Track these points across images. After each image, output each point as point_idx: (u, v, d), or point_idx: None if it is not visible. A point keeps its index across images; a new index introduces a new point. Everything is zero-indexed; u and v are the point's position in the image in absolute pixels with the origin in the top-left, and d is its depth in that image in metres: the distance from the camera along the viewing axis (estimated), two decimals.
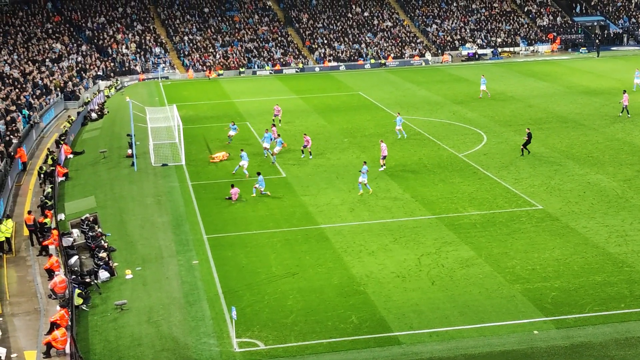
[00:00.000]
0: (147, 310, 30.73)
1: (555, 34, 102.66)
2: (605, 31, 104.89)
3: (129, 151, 52.87)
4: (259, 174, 44.91)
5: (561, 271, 32.99)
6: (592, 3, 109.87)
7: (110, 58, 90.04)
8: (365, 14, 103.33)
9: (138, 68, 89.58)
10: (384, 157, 48.03)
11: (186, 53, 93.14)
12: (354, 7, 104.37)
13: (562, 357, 26.55)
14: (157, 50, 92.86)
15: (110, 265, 34.57)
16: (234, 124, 57.26)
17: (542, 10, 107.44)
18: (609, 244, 35.73)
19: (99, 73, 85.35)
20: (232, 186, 44.10)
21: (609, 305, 29.97)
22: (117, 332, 29.10)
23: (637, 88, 69.14)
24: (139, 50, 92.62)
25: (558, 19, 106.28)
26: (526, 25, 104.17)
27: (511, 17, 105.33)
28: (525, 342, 27.55)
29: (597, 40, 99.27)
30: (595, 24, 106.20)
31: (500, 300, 30.55)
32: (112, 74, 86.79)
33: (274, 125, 56.59)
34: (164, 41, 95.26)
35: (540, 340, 27.66)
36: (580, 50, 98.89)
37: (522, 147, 50.72)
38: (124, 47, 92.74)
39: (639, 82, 69.65)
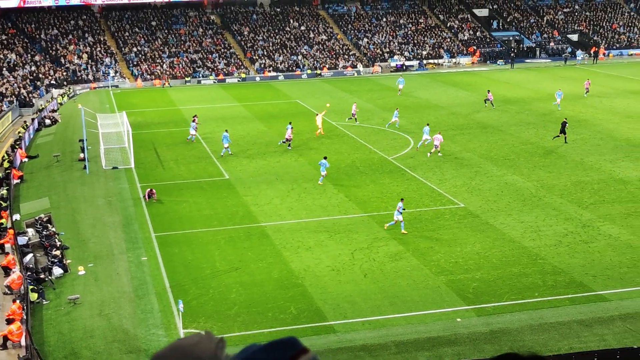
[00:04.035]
0: (98, 304, 30.33)
1: (475, 47, 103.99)
2: (520, 45, 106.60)
3: (81, 155, 52.11)
4: (325, 157, 46.43)
5: (481, 264, 33.43)
6: (508, 19, 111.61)
7: (63, 67, 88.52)
8: (302, 28, 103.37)
9: (90, 77, 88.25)
10: (436, 147, 50.91)
11: (135, 63, 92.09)
12: (291, 21, 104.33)
13: (483, 342, 26.90)
14: (108, 60, 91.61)
15: (64, 262, 34.03)
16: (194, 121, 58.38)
17: (463, 25, 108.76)
18: (524, 239, 36.31)
19: (52, 82, 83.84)
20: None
21: (524, 294, 30.47)
22: (70, 325, 28.66)
23: (556, 107, 66.44)
24: (90, 60, 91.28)
25: (478, 33, 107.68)
26: (449, 39, 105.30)
27: (435, 32, 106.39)
28: (449, 329, 27.85)
29: (512, 54, 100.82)
30: (511, 38, 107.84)
31: (426, 291, 30.83)
32: (64, 83, 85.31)
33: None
34: (114, 52, 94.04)
35: (462, 327, 27.98)
36: (498, 63, 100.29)
37: (564, 136, 53.59)
38: (76, 57, 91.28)
39: (559, 102, 66.50)
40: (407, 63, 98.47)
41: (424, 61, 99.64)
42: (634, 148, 52.72)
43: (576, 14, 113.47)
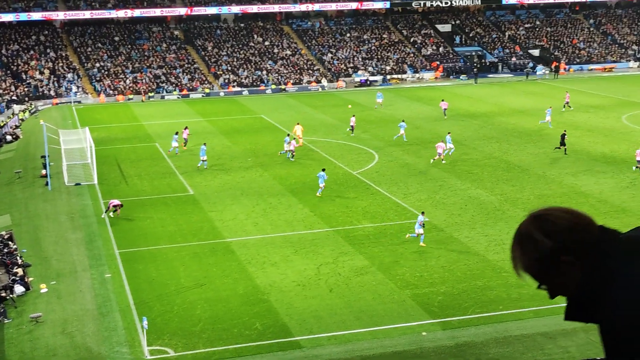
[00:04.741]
0: (61, 322, 29.96)
1: (438, 62, 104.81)
2: (482, 60, 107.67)
3: (43, 171, 51.58)
4: (323, 169, 46.85)
5: (446, 277, 33.58)
6: (471, 35, 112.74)
7: (24, 83, 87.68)
8: (266, 43, 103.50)
9: (52, 92, 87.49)
10: (440, 154, 53.01)
11: (98, 79, 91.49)
12: (255, 36, 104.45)
13: (448, 356, 26.99)
14: (70, 75, 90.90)
15: (26, 280, 33.58)
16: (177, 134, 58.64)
17: (426, 41, 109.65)
18: (489, 252, 36.55)
19: (13, 97, 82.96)
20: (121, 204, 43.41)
21: (489, 307, 30.64)
22: (33, 344, 28.27)
23: (545, 124, 65.46)
24: (52, 75, 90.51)
25: (441, 49, 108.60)
26: (412, 55, 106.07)
27: (399, 47, 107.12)
28: (415, 343, 27.92)
29: (475, 69, 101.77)
30: (474, 53, 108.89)
31: (392, 305, 30.89)
32: (26, 99, 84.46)
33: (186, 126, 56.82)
34: (76, 67, 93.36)
35: (428, 340, 28.06)
36: (461, 77, 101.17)
37: (564, 147, 54.87)
38: (37, 72, 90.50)
39: (550, 120, 65.18)
40: (371, 78, 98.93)
41: (388, 76, 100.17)
42: (595, 162, 53.39)
43: (537, 29, 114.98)
